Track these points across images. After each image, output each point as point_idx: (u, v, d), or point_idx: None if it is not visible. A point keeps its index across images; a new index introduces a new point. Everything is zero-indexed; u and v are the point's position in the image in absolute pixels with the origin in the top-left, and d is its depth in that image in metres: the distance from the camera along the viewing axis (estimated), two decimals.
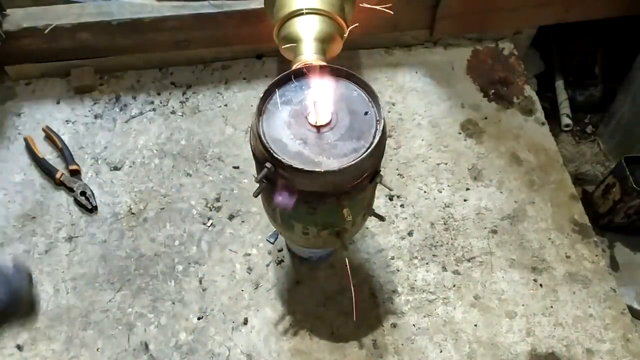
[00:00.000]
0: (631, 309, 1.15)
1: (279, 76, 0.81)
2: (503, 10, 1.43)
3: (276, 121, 0.78)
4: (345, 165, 0.72)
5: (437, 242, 1.18)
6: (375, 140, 0.75)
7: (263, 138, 0.74)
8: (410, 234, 1.19)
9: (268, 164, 0.74)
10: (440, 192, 1.25)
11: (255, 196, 0.83)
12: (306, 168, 0.71)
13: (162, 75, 1.43)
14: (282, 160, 0.72)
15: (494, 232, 1.20)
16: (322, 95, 0.79)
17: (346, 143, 0.76)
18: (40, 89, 1.40)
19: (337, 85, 0.81)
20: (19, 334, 1.05)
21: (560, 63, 1.72)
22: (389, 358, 1.04)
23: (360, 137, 0.76)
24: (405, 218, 1.21)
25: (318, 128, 0.77)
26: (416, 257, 1.16)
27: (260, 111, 0.78)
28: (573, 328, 1.08)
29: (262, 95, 0.79)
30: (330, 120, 0.77)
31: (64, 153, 1.25)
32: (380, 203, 1.22)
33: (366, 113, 0.79)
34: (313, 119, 0.77)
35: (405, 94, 1.42)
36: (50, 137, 1.28)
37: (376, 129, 0.77)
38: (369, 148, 0.74)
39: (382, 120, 0.76)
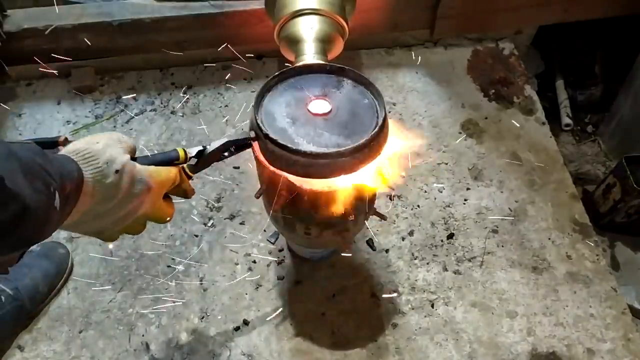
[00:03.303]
0: (632, 309, 1.15)
1: (284, 70, 0.82)
2: (503, 10, 1.44)
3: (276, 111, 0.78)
4: (317, 151, 0.71)
5: (437, 241, 1.18)
6: (361, 142, 0.72)
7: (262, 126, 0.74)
8: (410, 233, 1.19)
9: (252, 133, 0.75)
10: (441, 191, 1.25)
11: (257, 197, 0.84)
12: (283, 142, 0.71)
13: (163, 76, 1.44)
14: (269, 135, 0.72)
15: (495, 231, 1.20)
16: (326, 92, 0.80)
17: (332, 137, 0.75)
18: (41, 90, 1.40)
19: (349, 88, 0.82)
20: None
21: (560, 63, 1.72)
22: (390, 358, 1.04)
23: (349, 137, 0.75)
24: (406, 218, 1.21)
25: (315, 115, 0.77)
26: (417, 257, 1.16)
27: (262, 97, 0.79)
28: (574, 328, 1.08)
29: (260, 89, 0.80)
30: (331, 111, 0.77)
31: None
32: (380, 203, 1.22)
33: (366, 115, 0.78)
34: (313, 107, 0.78)
35: (405, 94, 1.42)
36: None
37: (377, 117, 0.76)
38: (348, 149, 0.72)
39: (380, 125, 0.74)
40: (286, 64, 0.99)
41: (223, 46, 1.31)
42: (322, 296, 1.10)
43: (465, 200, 1.24)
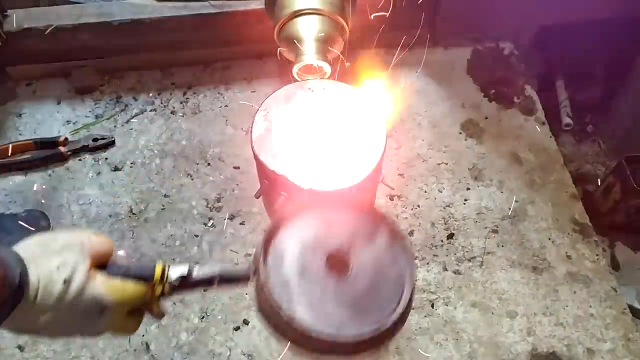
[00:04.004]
0: (632, 309, 1.15)
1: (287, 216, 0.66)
2: (503, 10, 1.44)
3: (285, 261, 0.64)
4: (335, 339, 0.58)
5: (437, 241, 1.18)
6: (392, 319, 0.59)
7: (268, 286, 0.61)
8: (411, 233, 1.19)
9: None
10: (441, 191, 1.25)
11: (257, 197, 0.84)
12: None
13: (163, 76, 1.43)
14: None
15: (495, 231, 1.20)
16: (353, 243, 0.65)
17: (338, 310, 0.60)
18: (41, 90, 1.40)
19: (381, 245, 0.66)
20: (20, 334, 1.05)
21: (560, 63, 1.72)
22: (390, 358, 1.04)
23: (357, 318, 0.60)
24: (406, 218, 1.21)
25: (331, 271, 0.63)
26: (417, 257, 1.16)
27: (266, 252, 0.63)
28: (574, 328, 1.08)
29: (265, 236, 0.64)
30: (349, 271, 0.63)
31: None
32: (381, 203, 1.22)
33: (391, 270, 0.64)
34: (331, 261, 0.63)
35: (405, 94, 1.42)
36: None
37: (400, 297, 0.60)
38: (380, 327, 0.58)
39: (411, 287, 0.60)
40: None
41: (223, 46, 1.30)
42: None
43: (465, 200, 1.24)
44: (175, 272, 0.61)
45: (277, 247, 0.63)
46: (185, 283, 0.61)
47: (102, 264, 0.56)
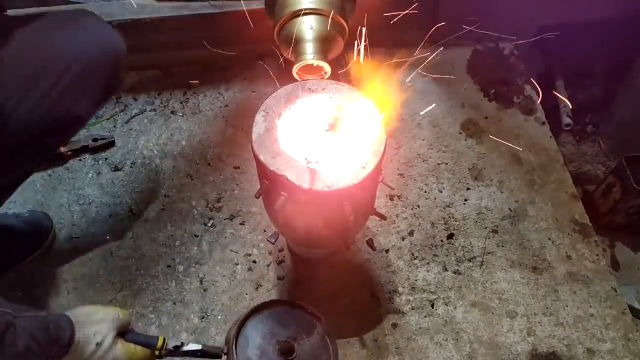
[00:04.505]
0: (632, 309, 1.15)
1: (273, 300, 0.93)
2: (503, 10, 1.44)
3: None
4: None
5: (437, 241, 1.18)
6: None
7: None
8: (410, 233, 1.19)
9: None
10: (441, 191, 1.25)
11: (257, 197, 0.84)
12: None
13: (163, 76, 1.43)
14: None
15: (495, 231, 1.20)
16: (297, 335, 0.88)
17: None
18: None
19: (317, 339, 0.90)
20: None
21: (560, 63, 1.72)
22: (390, 357, 1.04)
23: None
24: (406, 218, 1.21)
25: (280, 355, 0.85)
26: (417, 257, 1.16)
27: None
28: (574, 328, 1.08)
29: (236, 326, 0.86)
30: (294, 356, 0.85)
31: None
32: (381, 203, 1.22)
33: None
34: (281, 349, 0.86)
35: (405, 94, 1.42)
36: None
37: None
38: None
39: None
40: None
41: (223, 46, 1.30)
42: (322, 296, 1.10)
43: (466, 200, 1.24)
44: (172, 342, 0.83)
45: (244, 334, 0.86)
46: (177, 352, 0.84)
47: (123, 330, 0.80)
